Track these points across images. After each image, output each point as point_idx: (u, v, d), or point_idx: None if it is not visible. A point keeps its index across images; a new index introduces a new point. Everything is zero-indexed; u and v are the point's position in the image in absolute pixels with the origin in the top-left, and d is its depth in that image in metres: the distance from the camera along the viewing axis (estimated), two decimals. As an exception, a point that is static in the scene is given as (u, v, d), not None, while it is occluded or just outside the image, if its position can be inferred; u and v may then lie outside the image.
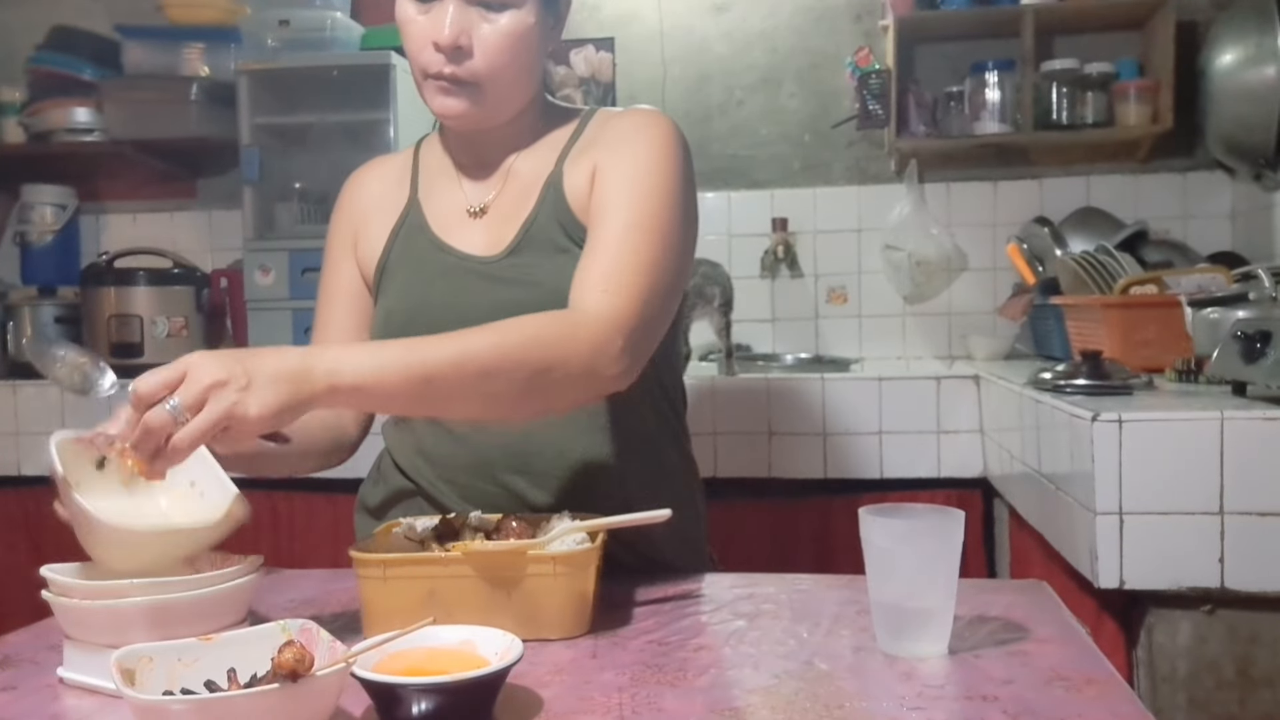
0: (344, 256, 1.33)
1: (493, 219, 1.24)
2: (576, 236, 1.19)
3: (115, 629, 0.86)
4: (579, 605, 0.98)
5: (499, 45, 1.14)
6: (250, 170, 2.69)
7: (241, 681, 0.76)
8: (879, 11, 2.82)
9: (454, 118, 1.18)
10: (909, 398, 2.27)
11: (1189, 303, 1.75)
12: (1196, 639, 1.41)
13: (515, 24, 1.14)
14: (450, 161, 1.30)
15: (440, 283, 1.23)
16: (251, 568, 0.94)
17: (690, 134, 1.37)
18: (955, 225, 2.82)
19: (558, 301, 1.10)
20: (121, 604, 0.86)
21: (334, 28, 2.74)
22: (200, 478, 0.98)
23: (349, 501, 2.41)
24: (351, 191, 1.36)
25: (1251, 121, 2.35)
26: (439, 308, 1.20)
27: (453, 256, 1.24)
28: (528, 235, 1.21)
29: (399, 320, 1.22)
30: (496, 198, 1.25)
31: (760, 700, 0.81)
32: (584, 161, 1.20)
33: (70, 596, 0.89)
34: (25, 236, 2.99)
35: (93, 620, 0.88)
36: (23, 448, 2.56)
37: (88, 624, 0.88)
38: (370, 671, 0.76)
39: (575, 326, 1.04)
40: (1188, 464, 1.38)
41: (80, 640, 0.89)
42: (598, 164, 1.19)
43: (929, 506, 0.95)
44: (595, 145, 1.21)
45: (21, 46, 3.02)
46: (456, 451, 1.22)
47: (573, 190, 1.20)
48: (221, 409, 0.87)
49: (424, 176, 1.31)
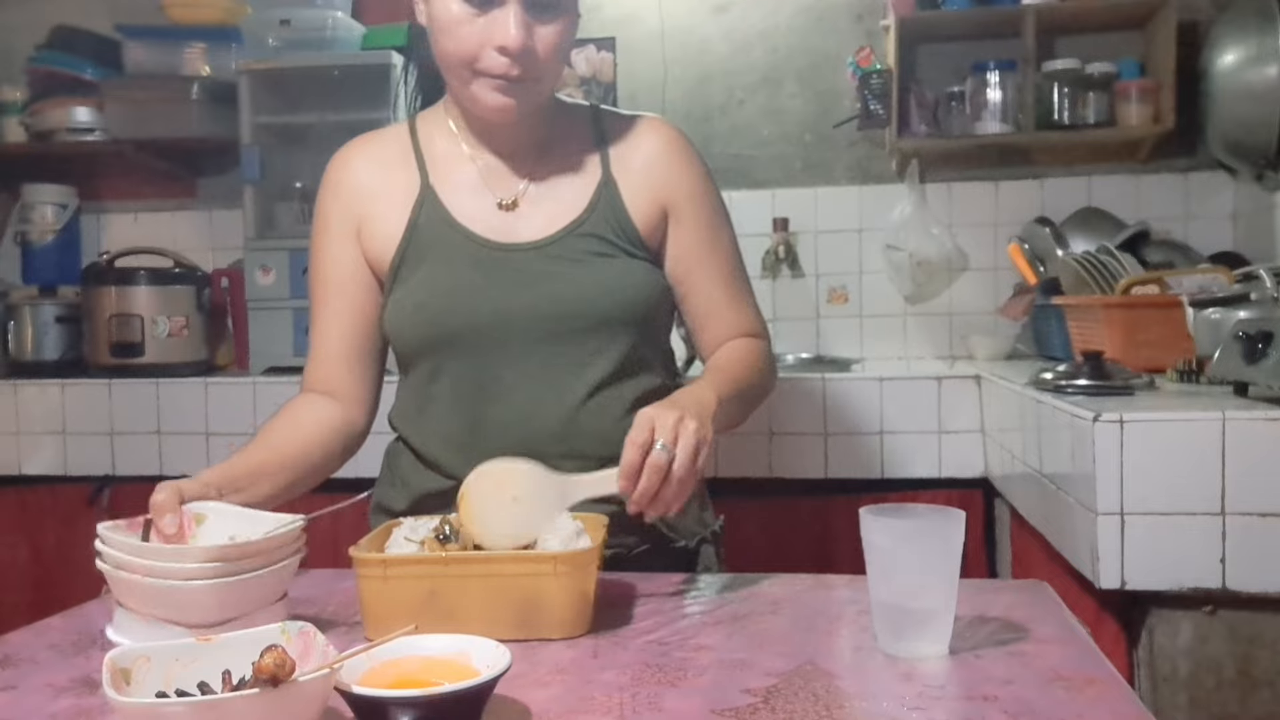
0: (344, 242, 1.29)
1: (526, 212, 1.27)
2: (629, 244, 1.26)
3: (175, 605, 0.92)
4: (579, 605, 0.97)
5: (554, 46, 1.19)
6: (251, 170, 2.69)
7: (235, 683, 0.76)
8: (880, 11, 2.82)
9: (506, 113, 1.20)
10: (910, 398, 2.27)
11: (1190, 303, 1.75)
12: (1197, 639, 1.41)
13: (566, 26, 1.20)
14: (464, 149, 1.29)
15: (474, 274, 1.23)
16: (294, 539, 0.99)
17: (691, 134, 1.41)
18: (956, 225, 2.82)
19: (597, 299, 1.21)
20: (184, 586, 0.91)
21: (335, 27, 2.74)
22: (237, 530, 1.02)
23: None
24: (345, 172, 1.31)
25: (1253, 121, 2.34)
26: (476, 299, 1.22)
27: (486, 248, 1.24)
28: (574, 233, 1.24)
29: (432, 311, 1.23)
30: (527, 190, 1.27)
31: (760, 700, 0.81)
32: (640, 182, 1.28)
33: (129, 571, 0.93)
34: (26, 236, 2.99)
35: (151, 595, 0.93)
36: (23, 448, 2.56)
37: (145, 598, 0.93)
38: (355, 682, 0.74)
39: (772, 361, 1.37)
40: (1189, 464, 1.38)
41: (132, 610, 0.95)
42: (671, 202, 1.30)
43: (929, 506, 0.94)
44: (649, 169, 1.29)
45: (22, 46, 3.02)
46: (505, 442, 1.20)
47: (634, 205, 1.27)
48: (694, 434, 1.04)
49: (431, 161, 1.29)
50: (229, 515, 1.03)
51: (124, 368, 2.57)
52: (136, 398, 2.51)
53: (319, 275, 1.31)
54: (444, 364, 1.25)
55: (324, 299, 1.31)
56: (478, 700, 0.76)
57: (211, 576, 0.92)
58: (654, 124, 1.33)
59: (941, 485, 2.25)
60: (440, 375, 1.25)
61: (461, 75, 1.20)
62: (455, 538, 1.01)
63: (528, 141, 1.28)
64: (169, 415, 2.50)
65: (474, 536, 1.00)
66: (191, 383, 2.51)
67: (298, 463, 1.21)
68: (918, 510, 0.94)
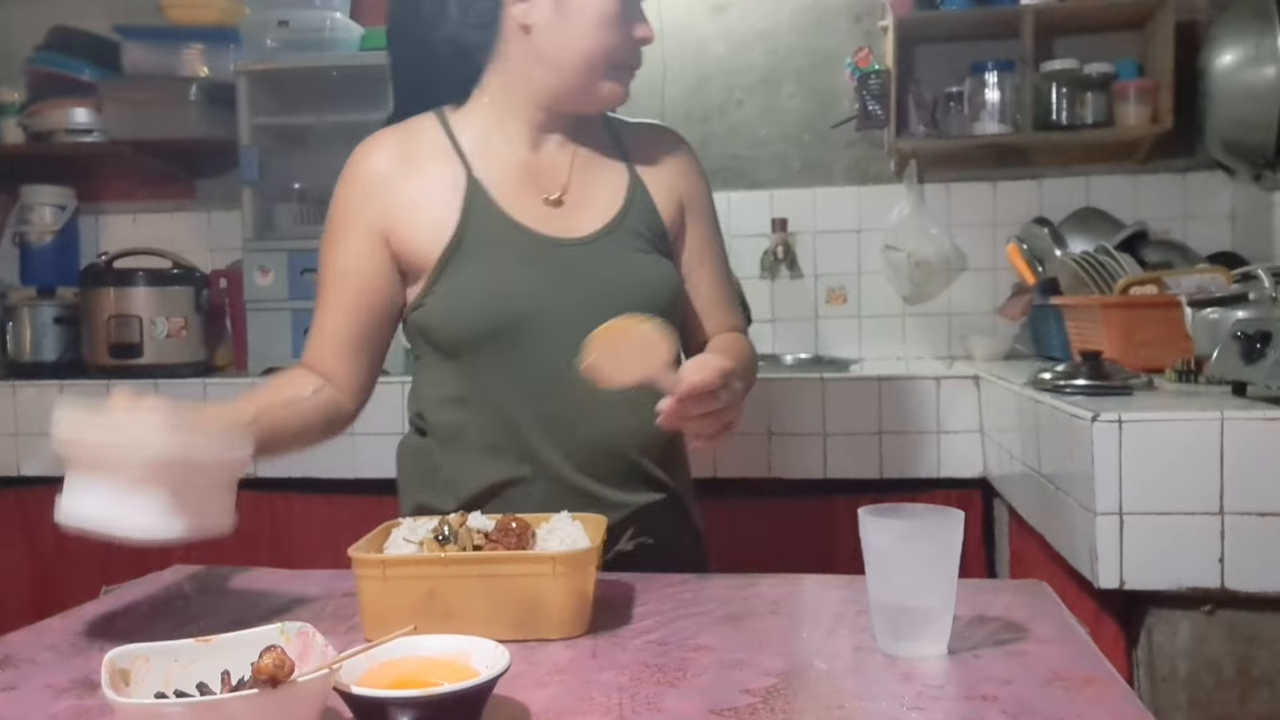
0: (363, 235, 1.27)
1: (571, 208, 1.30)
2: (659, 241, 1.33)
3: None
4: (579, 605, 0.97)
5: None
6: (250, 171, 2.69)
7: (234, 684, 0.76)
8: (879, 12, 2.82)
9: (621, 102, 1.30)
10: (909, 398, 2.27)
11: (1189, 303, 1.75)
12: (1196, 639, 1.41)
13: None
14: (502, 145, 1.30)
15: (528, 267, 1.25)
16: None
17: (690, 134, 1.43)
18: (955, 225, 2.82)
19: (641, 293, 1.26)
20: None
21: (333, 28, 2.74)
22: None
23: (349, 502, 2.44)
24: (371, 164, 1.29)
25: (1251, 121, 2.35)
26: (534, 291, 1.24)
27: (540, 242, 1.26)
28: (616, 229, 1.30)
29: (491, 302, 1.23)
30: (569, 186, 1.30)
31: (760, 700, 0.81)
32: (663, 183, 1.36)
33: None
34: (25, 237, 2.99)
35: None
36: (23, 448, 2.56)
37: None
38: (354, 682, 0.74)
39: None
40: (1188, 464, 1.38)
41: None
42: (687, 203, 1.38)
43: (929, 506, 0.94)
44: (669, 172, 1.37)
45: (21, 46, 3.02)
46: (559, 434, 1.24)
47: (661, 205, 1.35)
48: (740, 397, 1.15)
49: (472, 155, 1.29)
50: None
51: (123, 369, 2.57)
52: (135, 398, 2.51)
53: (331, 264, 1.30)
54: (499, 355, 1.24)
55: (331, 286, 1.30)
56: (477, 700, 0.76)
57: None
58: (664, 129, 1.43)
59: (940, 485, 2.25)
60: (492, 366, 1.25)
61: (594, 69, 1.24)
62: (454, 538, 1.01)
63: (568, 135, 1.33)
64: (168, 416, 2.50)
65: (601, 370, 1.06)
66: (190, 384, 2.51)
67: (274, 412, 1.20)
68: (917, 510, 0.94)
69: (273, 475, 2.47)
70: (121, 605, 1.13)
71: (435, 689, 0.74)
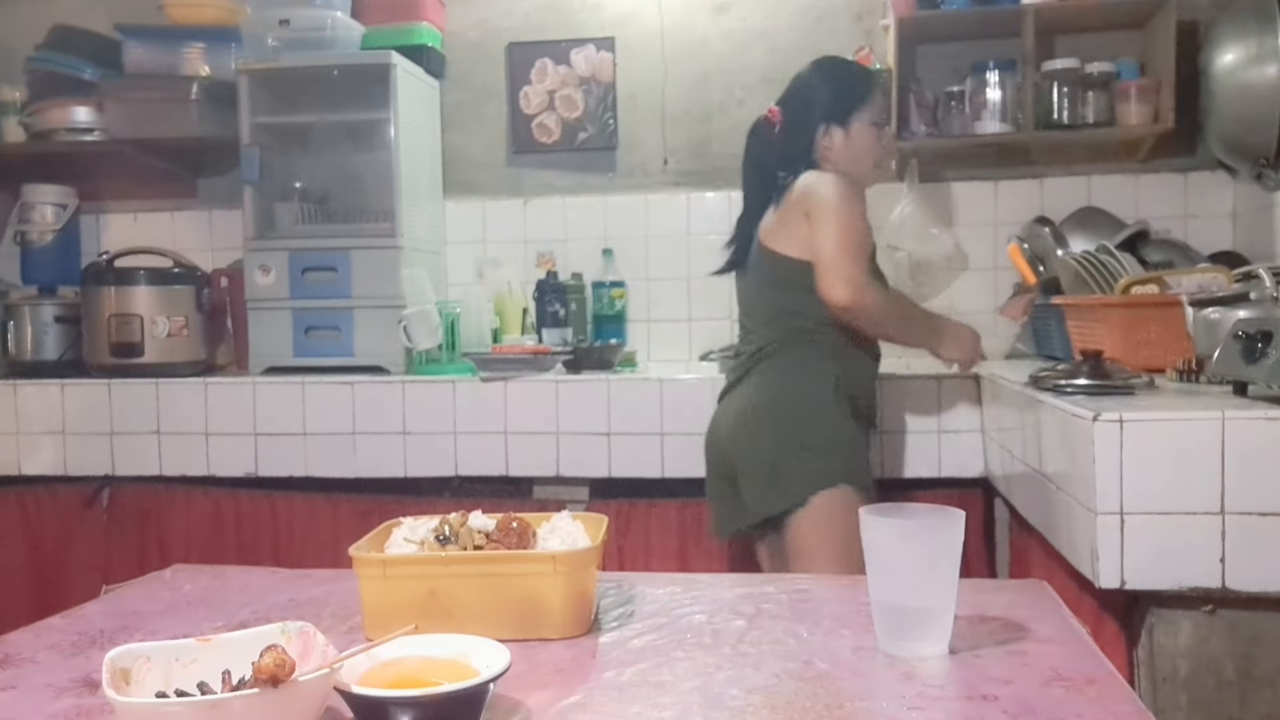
0: None
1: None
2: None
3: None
4: (579, 605, 0.97)
5: None
6: (250, 170, 2.69)
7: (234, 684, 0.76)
8: (880, 11, 2.82)
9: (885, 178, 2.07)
10: (909, 397, 2.27)
11: (1190, 303, 1.75)
12: (1197, 639, 1.41)
13: None
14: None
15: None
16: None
17: (690, 133, 1.41)
18: (956, 225, 2.82)
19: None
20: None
21: (334, 27, 2.74)
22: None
23: (349, 502, 2.45)
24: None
25: (1252, 121, 2.34)
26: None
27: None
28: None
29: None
30: None
31: (760, 700, 0.81)
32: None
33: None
34: (26, 236, 2.99)
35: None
36: (23, 448, 2.56)
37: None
38: (355, 682, 0.74)
39: None
40: (1189, 464, 1.38)
41: None
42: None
43: (929, 506, 0.94)
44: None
45: (22, 46, 3.02)
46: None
47: None
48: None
49: None
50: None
51: (123, 368, 2.57)
52: (136, 398, 2.51)
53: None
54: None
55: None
56: (477, 700, 0.76)
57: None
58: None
59: (941, 485, 2.25)
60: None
61: (868, 170, 2.08)
62: (455, 538, 1.01)
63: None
64: (168, 415, 2.51)
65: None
66: (191, 383, 2.51)
67: None
68: (918, 510, 0.94)
69: (273, 475, 2.49)
70: (122, 605, 1.13)
71: (435, 689, 0.74)
